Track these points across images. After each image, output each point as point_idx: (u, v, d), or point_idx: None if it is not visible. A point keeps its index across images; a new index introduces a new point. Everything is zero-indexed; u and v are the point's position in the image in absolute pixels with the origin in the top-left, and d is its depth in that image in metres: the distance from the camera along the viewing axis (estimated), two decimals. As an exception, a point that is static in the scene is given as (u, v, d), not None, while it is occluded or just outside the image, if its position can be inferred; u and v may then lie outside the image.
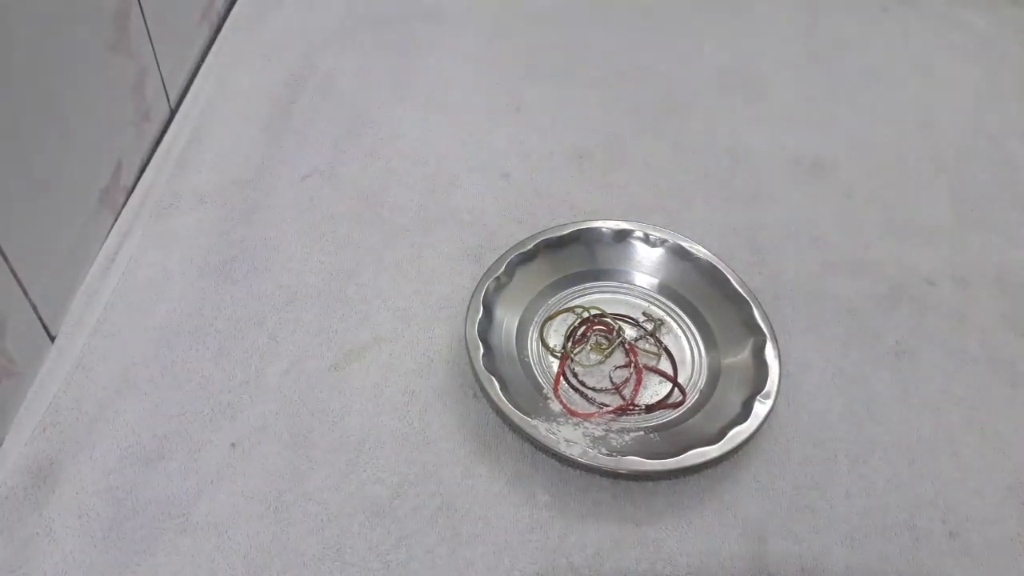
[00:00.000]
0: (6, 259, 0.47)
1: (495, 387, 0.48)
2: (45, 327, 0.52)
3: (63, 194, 0.54)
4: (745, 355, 0.52)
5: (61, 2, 0.51)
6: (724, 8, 0.84)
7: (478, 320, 0.51)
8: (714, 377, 0.53)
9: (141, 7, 0.62)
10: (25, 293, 0.49)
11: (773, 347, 0.52)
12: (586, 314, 0.55)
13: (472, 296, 0.53)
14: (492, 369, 0.49)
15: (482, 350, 0.50)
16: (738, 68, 0.78)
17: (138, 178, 0.64)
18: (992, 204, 0.67)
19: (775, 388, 0.50)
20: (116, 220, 0.60)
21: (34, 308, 0.51)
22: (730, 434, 0.48)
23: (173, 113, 0.69)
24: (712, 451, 0.47)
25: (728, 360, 0.53)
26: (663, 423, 0.50)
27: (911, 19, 0.85)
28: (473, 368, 0.50)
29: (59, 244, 0.54)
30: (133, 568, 0.44)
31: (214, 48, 0.75)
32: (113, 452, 0.48)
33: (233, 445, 0.49)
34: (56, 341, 0.53)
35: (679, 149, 0.69)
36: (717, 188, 0.66)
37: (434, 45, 0.77)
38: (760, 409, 0.49)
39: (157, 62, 0.65)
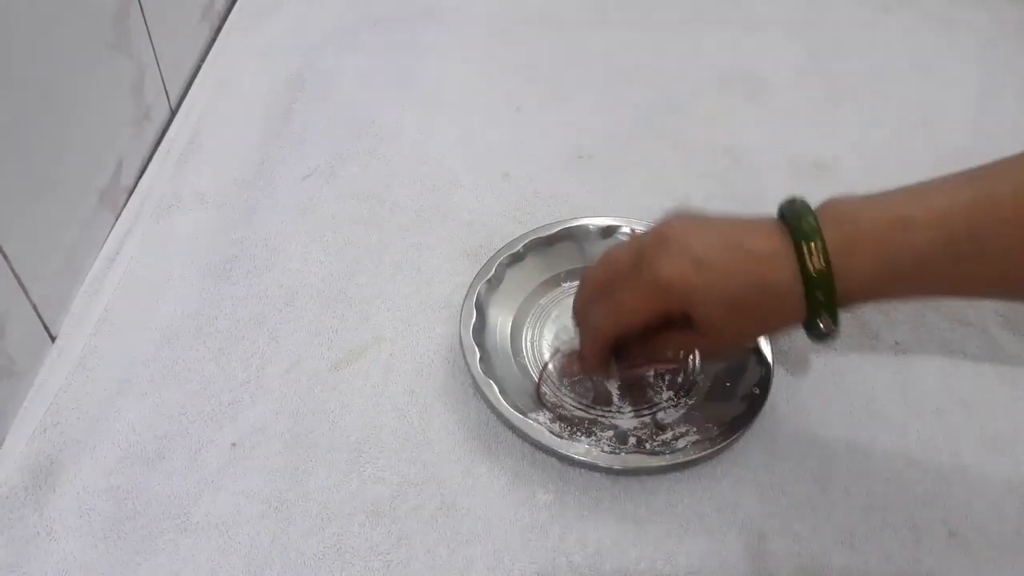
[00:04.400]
0: (6, 259, 0.47)
1: (494, 391, 0.48)
2: (46, 327, 0.52)
3: (63, 194, 0.54)
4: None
5: (61, 2, 0.51)
6: (724, 8, 0.84)
7: (472, 324, 0.51)
8: (709, 370, 0.53)
9: (141, 7, 0.62)
10: (25, 293, 0.50)
11: (766, 337, 0.52)
12: None
13: (464, 300, 0.53)
14: (490, 373, 0.50)
15: (479, 354, 0.50)
16: (738, 68, 0.78)
17: (138, 178, 0.64)
18: (992, 204, 0.66)
19: (771, 377, 0.50)
20: (116, 220, 0.61)
21: (34, 308, 0.51)
22: (729, 426, 0.48)
23: (173, 113, 0.69)
24: (713, 444, 0.47)
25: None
26: (662, 419, 0.50)
27: (911, 19, 0.85)
28: (471, 373, 0.50)
29: (59, 244, 0.54)
30: (134, 568, 0.44)
31: (214, 48, 0.75)
32: (114, 452, 0.48)
33: (234, 445, 0.49)
34: (56, 341, 0.53)
35: (679, 149, 0.69)
36: (717, 188, 0.66)
37: (434, 45, 0.77)
38: (757, 399, 0.49)
39: (157, 62, 0.65)
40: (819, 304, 0.41)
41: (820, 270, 0.41)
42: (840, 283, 0.41)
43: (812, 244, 0.41)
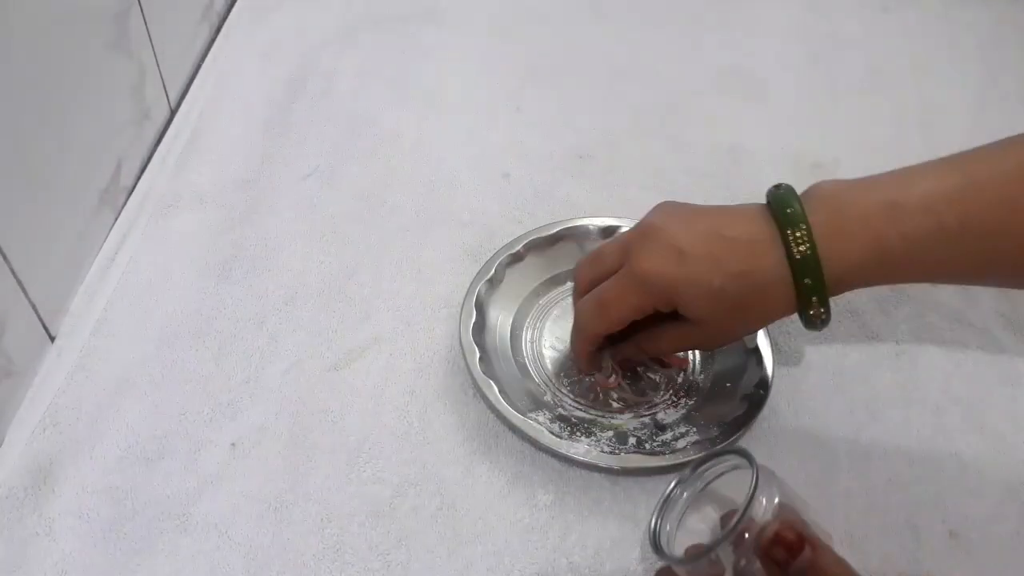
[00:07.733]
0: (6, 259, 0.47)
1: (494, 390, 0.48)
2: (45, 327, 0.52)
3: (63, 194, 0.54)
4: (738, 346, 0.52)
5: (61, 2, 0.51)
6: (724, 8, 0.84)
7: (472, 324, 0.51)
8: (709, 370, 0.53)
9: (141, 7, 0.62)
10: (25, 293, 0.49)
11: (766, 337, 0.52)
12: None
13: (464, 300, 0.53)
14: (490, 373, 0.50)
15: (478, 354, 0.50)
16: (738, 68, 0.78)
17: (138, 178, 0.64)
18: (992, 204, 0.66)
19: (770, 377, 0.50)
20: (116, 220, 0.60)
21: (34, 308, 0.51)
22: (729, 426, 0.48)
23: (173, 113, 0.69)
24: (713, 444, 0.47)
25: (722, 353, 0.53)
26: (662, 420, 0.50)
27: (911, 19, 0.85)
28: (471, 373, 0.50)
29: (59, 244, 0.54)
30: (133, 568, 0.44)
31: (214, 48, 0.75)
32: (113, 452, 0.48)
33: (233, 445, 0.49)
34: (56, 341, 0.53)
35: (679, 149, 0.69)
36: (717, 188, 0.66)
37: (434, 45, 0.77)
38: (758, 399, 0.49)
39: (157, 62, 0.65)
40: (809, 290, 0.41)
41: (805, 255, 0.40)
42: (828, 268, 0.41)
43: (797, 229, 0.40)
